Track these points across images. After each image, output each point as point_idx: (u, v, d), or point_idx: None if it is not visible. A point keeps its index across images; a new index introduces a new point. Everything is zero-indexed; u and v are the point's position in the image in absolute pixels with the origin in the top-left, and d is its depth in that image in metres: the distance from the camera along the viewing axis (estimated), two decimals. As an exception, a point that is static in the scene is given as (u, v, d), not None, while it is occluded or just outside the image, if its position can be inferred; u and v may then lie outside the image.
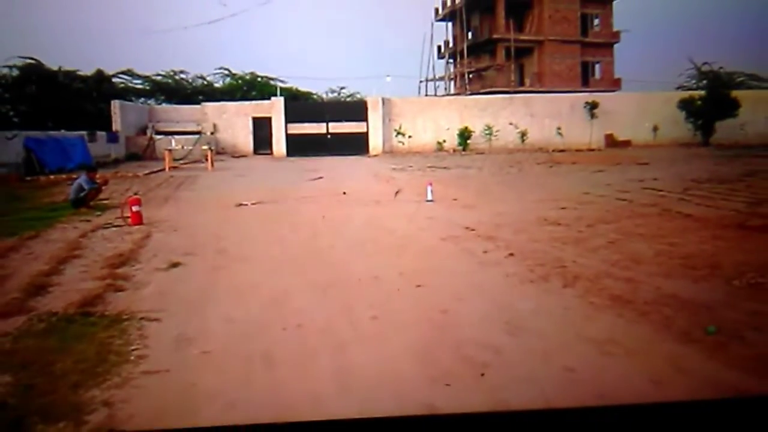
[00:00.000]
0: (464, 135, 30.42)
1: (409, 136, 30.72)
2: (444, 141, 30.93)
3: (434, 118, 31.56)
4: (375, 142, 30.77)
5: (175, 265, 6.43)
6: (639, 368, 3.59)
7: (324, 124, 30.73)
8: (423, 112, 31.81)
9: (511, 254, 6.61)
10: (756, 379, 3.34)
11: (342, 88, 44.08)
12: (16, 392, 3.30)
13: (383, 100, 31.10)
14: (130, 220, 9.20)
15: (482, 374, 3.43)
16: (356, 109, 31.70)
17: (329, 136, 30.64)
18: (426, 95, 44.58)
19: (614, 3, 43.36)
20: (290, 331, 4.31)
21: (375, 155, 29.45)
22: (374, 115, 30.87)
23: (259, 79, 40.46)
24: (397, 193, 12.48)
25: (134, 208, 9.31)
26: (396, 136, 30.80)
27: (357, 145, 30.11)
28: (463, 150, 30.08)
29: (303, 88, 41.06)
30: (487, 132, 30.42)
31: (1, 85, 30.43)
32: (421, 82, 47.02)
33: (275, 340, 4.14)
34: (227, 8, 49.53)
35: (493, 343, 3.95)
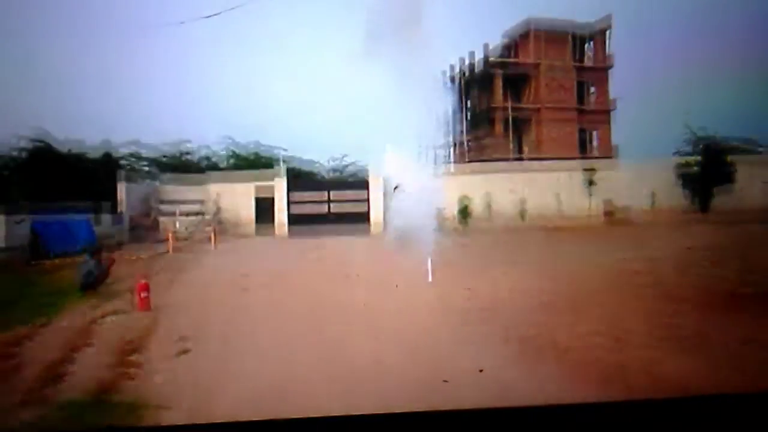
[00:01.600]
0: (464, 212, 31.09)
1: (410, 213, 31.24)
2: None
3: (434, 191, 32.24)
4: (376, 219, 31.41)
5: (184, 352, 6.64)
6: None
7: (326, 205, 31.82)
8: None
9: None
10: None
11: (344, 155, 44.99)
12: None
13: (384, 179, 31.94)
14: (138, 305, 9.43)
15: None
16: (358, 188, 32.74)
17: (331, 216, 31.52)
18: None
19: (610, 71, 44.78)
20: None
21: (377, 232, 29.92)
22: (375, 193, 31.76)
23: (262, 159, 41.59)
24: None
25: (142, 294, 9.53)
26: (397, 214, 31.35)
27: (358, 222, 30.76)
28: (464, 226, 30.48)
29: (306, 156, 42.05)
30: (486, 201, 31.17)
31: (11, 168, 31.24)
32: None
33: None
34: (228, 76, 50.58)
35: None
